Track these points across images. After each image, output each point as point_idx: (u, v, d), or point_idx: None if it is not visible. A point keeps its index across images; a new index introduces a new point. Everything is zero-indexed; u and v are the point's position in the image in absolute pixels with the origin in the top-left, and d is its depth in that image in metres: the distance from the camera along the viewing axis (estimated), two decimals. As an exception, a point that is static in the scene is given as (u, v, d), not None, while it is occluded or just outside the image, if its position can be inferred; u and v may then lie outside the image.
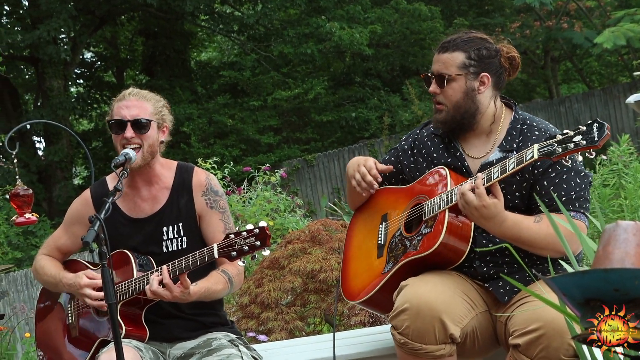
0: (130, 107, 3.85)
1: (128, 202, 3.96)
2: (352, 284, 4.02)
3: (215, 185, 4.00)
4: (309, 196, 20.35)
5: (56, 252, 4.15)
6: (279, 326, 5.98)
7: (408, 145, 4.03)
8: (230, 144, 21.63)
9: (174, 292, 3.54)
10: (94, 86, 25.77)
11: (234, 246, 3.47)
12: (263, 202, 8.75)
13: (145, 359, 3.74)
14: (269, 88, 22.42)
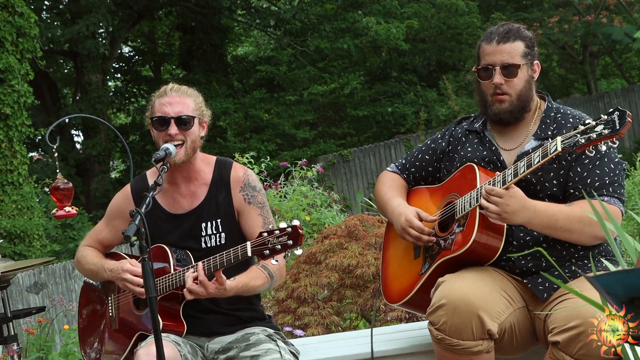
0: (172, 103, 3.86)
1: (167, 197, 3.97)
2: (391, 286, 4.03)
3: (253, 180, 3.99)
4: (345, 191, 20.33)
5: (98, 245, 4.18)
6: (316, 321, 5.96)
7: (445, 143, 4.02)
8: (266, 139, 21.65)
9: (208, 289, 3.55)
10: (132, 80, 25.92)
11: (266, 245, 3.46)
12: (300, 197, 8.75)
13: (183, 353, 3.75)
14: (305, 83, 22.41)
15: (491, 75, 3.74)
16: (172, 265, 3.82)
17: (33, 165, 18.97)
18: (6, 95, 14.93)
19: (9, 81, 14.92)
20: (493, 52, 3.74)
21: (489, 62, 3.75)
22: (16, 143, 15.28)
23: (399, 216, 3.91)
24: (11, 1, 14.96)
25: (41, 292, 11.15)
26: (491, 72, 3.74)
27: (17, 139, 15.31)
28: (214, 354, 3.89)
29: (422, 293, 3.79)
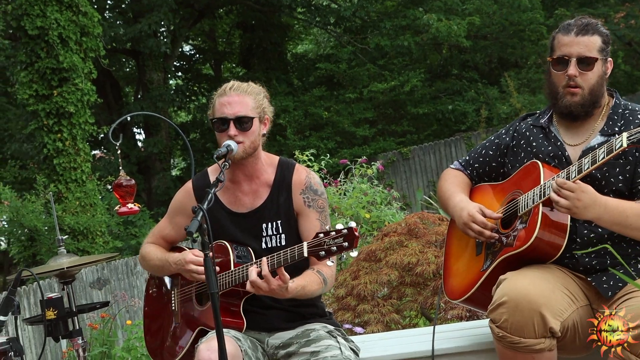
0: (232, 103, 3.86)
1: (229, 195, 3.98)
2: (453, 282, 4.00)
3: (316, 184, 3.98)
4: (404, 189, 20.25)
5: (161, 242, 4.21)
6: (375, 319, 5.95)
7: (509, 138, 3.98)
8: (325, 136, 21.67)
9: (272, 284, 3.54)
10: (192, 78, 26.16)
11: (322, 246, 3.45)
12: (359, 195, 8.73)
13: (243, 348, 3.76)
14: (364, 80, 22.37)
15: (566, 67, 3.69)
16: (232, 261, 3.83)
17: (96, 163, 19.26)
18: (70, 93, 15.15)
19: (73, 80, 15.14)
20: (570, 43, 3.69)
21: (565, 53, 3.69)
22: (79, 141, 15.50)
23: (461, 211, 3.87)
24: (75, 1, 15.18)
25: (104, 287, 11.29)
26: (566, 63, 3.69)
27: (81, 137, 15.53)
28: (274, 349, 3.90)
29: (483, 290, 3.75)
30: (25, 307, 9.71)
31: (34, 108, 15.17)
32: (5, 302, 3.51)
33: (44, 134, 15.23)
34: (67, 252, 4.01)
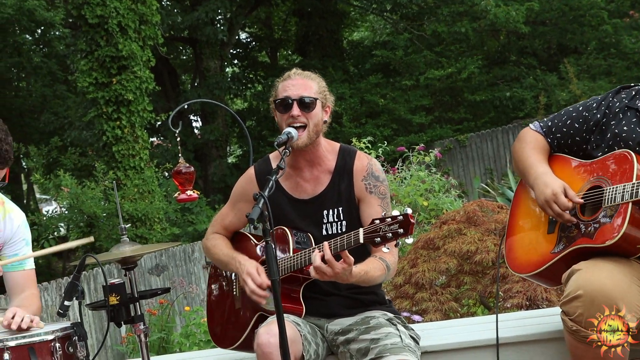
0: (296, 85, 3.88)
1: (291, 182, 3.99)
2: (518, 255, 3.89)
3: (377, 170, 3.97)
4: (461, 177, 20.10)
5: (223, 231, 4.23)
6: (434, 307, 5.93)
7: (601, 114, 3.77)
8: (381, 124, 21.60)
9: (336, 268, 3.52)
10: (249, 66, 26.25)
11: (378, 232, 3.44)
12: (417, 182, 8.69)
13: (303, 333, 3.78)
14: (421, 67, 22.23)
15: None
16: (291, 247, 3.84)
17: (154, 150, 19.43)
18: (129, 81, 15.31)
19: (132, 68, 15.29)
20: None
21: None
22: (138, 128, 15.66)
23: (544, 186, 3.72)
24: (134, -11, 15.33)
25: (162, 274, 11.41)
26: None
27: (139, 124, 15.69)
28: (334, 335, 3.90)
29: (552, 270, 3.68)
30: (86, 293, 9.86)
31: (93, 96, 15.36)
32: (70, 287, 3.56)
33: (103, 121, 15.42)
34: (128, 239, 4.04)
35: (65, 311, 3.55)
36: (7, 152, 3.69)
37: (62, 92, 22.52)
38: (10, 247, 4.03)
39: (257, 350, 3.65)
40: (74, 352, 3.49)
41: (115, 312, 3.76)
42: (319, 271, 3.54)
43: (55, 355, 3.41)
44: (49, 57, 22.99)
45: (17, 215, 4.10)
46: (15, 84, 24.18)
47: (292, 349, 3.48)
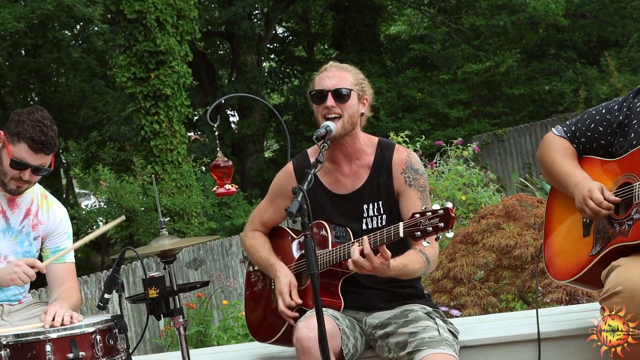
0: (331, 77, 3.88)
1: (329, 177, 3.98)
2: (557, 262, 3.88)
3: (416, 163, 3.96)
4: (499, 171, 19.98)
5: (262, 227, 4.24)
6: (472, 301, 5.90)
7: (623, 116, 3.76)
8: (419, 118, 21.54)
9: (374, 262, 3.52)
10: (286, 60, 26.27)
11: (418, 226, 3.43)
12: (455, 177, 8.65)
13: (341, 327, 3.78)
14: (459, 61, 22.12)
15: None
16: (330, 241, 3.84)
17: (191, 145, 19.51)
18: (166, 76, 15.38)
19: (169, 62, 15.36)
20: None
21: None
22: (176, 123, 15.72)
23: (582, 188, 3.69)
24: (172, -16, 15.39)
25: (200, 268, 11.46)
26: None
27: (177, 119, 15.75)
28: (372, 328, 3.90)
29: (592, 274, 3.65)
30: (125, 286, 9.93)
31: (131, 91, 15.45)
32: (110, 281, 3.59)
33: (141, 116, 15.51)
34: (168, 233, 4.06)
35: (105, 304, 3.57)
36: (52, 138, 3.78)
37: (101, 87, 22.69)
38: (53, 239, 4.08)
39: (296, 344, 3.65)
40: (114, 344, 3.51)
41: (154, 305, 3.78)
42: (358, 265, 3.54)
43: (96, 347, 3.43)
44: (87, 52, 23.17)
45: (59, 208, 4.15)
46: (55, 79, 24.40)
47: (331, 344, 3.48)
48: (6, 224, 3.93)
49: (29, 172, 3.80)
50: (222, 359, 4.56)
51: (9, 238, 3.92)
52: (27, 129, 3.74)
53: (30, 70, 22.56)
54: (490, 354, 4.04)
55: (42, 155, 3.79)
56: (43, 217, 4.06)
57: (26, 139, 3.74)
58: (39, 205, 4.07)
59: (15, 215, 3.96)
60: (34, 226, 4.02)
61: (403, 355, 3.68)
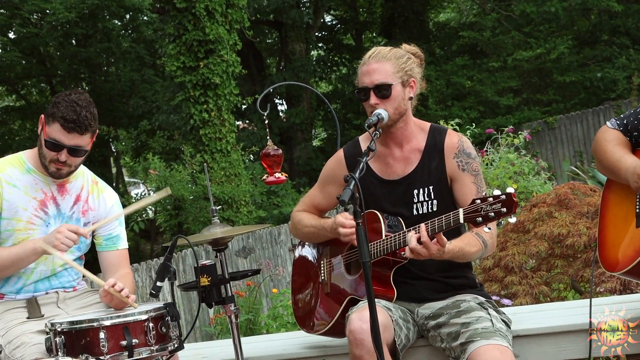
0: (370, 72, 3.83)
1: (380, 163, 3.96)
2: (610, 254, 3.83)
3: (468, 147, 3.92)
4: (549, 159, 19.73)
5: (313, 210, 4.22)
6: (524, 291, 5.84)
7: None
8: (468, 106, 21.38)
9: (431, 249, 3.50)
10: (334, 49, 26.25)
11: (479, 212, 3.40)
12: (506, 165, 8.56)
13: (394, 318, 3.76)
14: (509, 48, 21.89)
15: None
16: (383, 231, 3.82)
17: (239, 134, 19.58)
18: (216, 65, 15.43)
19: (219, 51, 15.40)
20: None
21: None
22: (225, 112, 15.78)
23: (634, 168, 3.66)
24: (221, -27, 15.42)
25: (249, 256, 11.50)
26: None
27: (226, 107, 15.81)
28: (424, 319, 3.87)
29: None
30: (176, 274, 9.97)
31: (181, 80, 15.54)
32: (162, 269, 3.61)
33: (190, 105, 15.59)
34: (219, 221, 4.08)
35: (157, 292, 3.60)
36: (86, 118, 3.79)
37: (150, 76, 22.87)
38: (105, 226, 4.11)
39: (349, 336, 3.64)
40: (167, 331, 3.54)
41: (206, 293, 3.80)
42: (415, 252, 3.52)
43: (148, 334, 3.46)
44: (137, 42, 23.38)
45: (111, 195, 4.19)
46: (105, 69, 24.65)
47: (384, 335, 3.46)
48: (57, 209, 3.97)
49: (65, 153, 3.81)
50: (273, 347, 4.56)
51: (60, 223, 3.95)
52: (61, 109, 3.76)
53: (80, 60, 22.81)
54: (543, 344, 3.99)
55: (76, 135, 3.79)
56: (94, 204, 4.10)
57: (59, 119, 3.76)
58: (89, 192, 4.10)
59: (65, 201, 4.00)
60: (84, 212, 4.05)
61: (455, 345, 3.65)
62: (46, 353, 3.53)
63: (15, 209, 3.87)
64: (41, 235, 3.88)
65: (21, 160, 3.98)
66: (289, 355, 4.31)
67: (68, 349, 3.41)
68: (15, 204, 3.87)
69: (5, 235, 3.87)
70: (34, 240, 3.80)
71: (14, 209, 3.87)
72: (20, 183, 3.91)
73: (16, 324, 3.77)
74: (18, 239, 3.87)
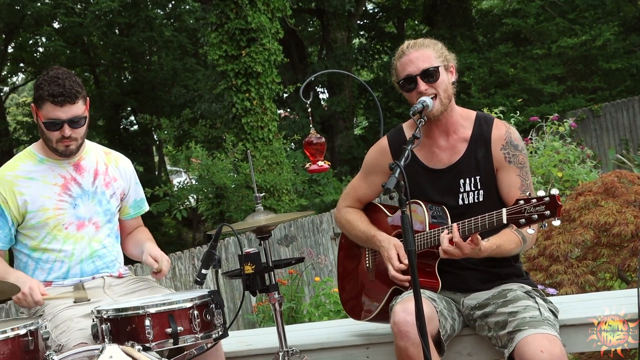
0: (414, 60, 3.80)
1: (425, 151, 3.92)
2: None
3: (516, 139, 3.86)
4: (594, 147, 19.50)
5: (357, 203, 4.20)
6: (569, 280, 5.77)
7: None
8: (511, 94, 21.18)
9: (464, 250, 3.49)
10: (376, 37, 26.15)
11: (523, 213, 3.37)
12: (551, 153, 8.47)
13: (439, 309, 3.73)
14: (553, 35, 21.64)
15: None
16: (427, 222, 3.79)
17: (281, 122, 19.60)
18: (258, 53, 15.43)
19: (260, 40, 15.40)
20: None
21: None
22: (267, 100, 15.78)
23: None
24: (262, -39, 15.41)
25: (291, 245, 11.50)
26: None
27: (268, 96, 15.81)
28: (470, 309, 3.84)
29: None
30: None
31: (223, 68, 15.56)
32: (207, 256, 3.62)
33: (232, 93, 15.61)
34: (261, 209, 4.08)
35: (202, 279, 3.61)
36: (71, 87, 3.82)
37: (192, 65, 22.96)
38: (131, 193, 4.26)
39: (393, 328, 3.62)
40: (212, 319, 3.55)
41: (250, 281, 3.81)
42: (447, 253, 3.51)
43: (193, 322, 3.48)
44: (179, 31, 23.48)
45: (125, 161, 4.30)
46: (147, 58, 24.80)
47: (429, 327, 3.44)
48: (80, 189, 4.02)
49: (67, 127, 3.85)
50: (317, 335, 4.56)
51: (88, 201, 4.03)
52: (45, 88, 3.80)
53: (123, 49, 22.99)
54: (590, 333, 3.93)
55: (69, 106, 3.82)
56: (116, 173, 4.17)
57: (47, 98, 3.80)
58: (106, 163, 4.17)
59: (85, 179, 4.05)
60: (107, 184, 4.11)
61: (503, 334, 3.62)
62: (91, 338, 3.57)
63: (39, 200, 3.93)
64: (71, 217, 3.97)
65: (31, 153, 4.04)
66: (333, 343, 4.31)
67: (114, 335, 3.44)
68: (37, 195, 3.93)
69: (38, 227, 3.93)
70: (22, 281, 3.79)
71: (38, 202, 3.92)
72: (37, 174, 3.97)
73: (62, 309, 3.82)
74: (51, 227, 3.94)
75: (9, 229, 3.94)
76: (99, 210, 4.05)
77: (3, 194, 3.91)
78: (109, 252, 4.09)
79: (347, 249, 4.33)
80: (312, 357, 4.12)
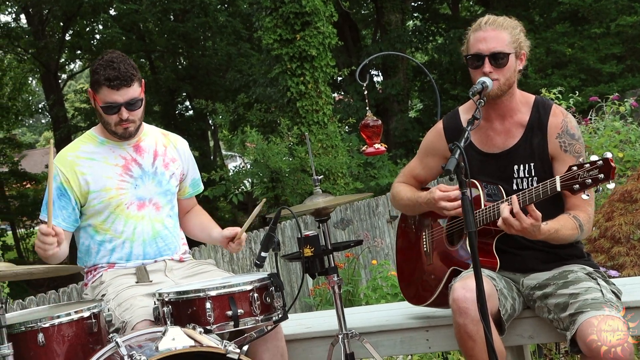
0: (487, 39, 3.74)
1: (481, 135, 3.87)
2: None
3: (573, 127, 3.79)
4: (654, 128, 19.19)
5: (413, 181, 4.19)
6: (631, 262, 5.70)
7: None
8: (569, 74, 20.90)
9: (524, 222, 3.44)
10: (430, 19, 25.97)
11: (576, 179, 3.32)
12: (612, 133, 8.33)
13: (498, 287, 3.70)
14: (612, 14, 21.28)
15: None
16: (482, 200, 3.75)
17: (336, 106, 19.60)
18: (312, 37, 15.43)
19: (315, 23, 15.39)
20: None
21: None
22: (321, 84, 15.79)
23: None
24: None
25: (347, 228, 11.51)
26: None
27: (322, 79, 15.81)
28: (530, 289, 3.80)
29: None
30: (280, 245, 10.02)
31: (277, 52, 15.60)
32: (266, 239, 3.63)
33: (287, 77, 15.64)
34: (322, 191, 4.08)
35: (262, 262, 3.63)
36: (126, 70, 3.87)
37: (246, 50, 23.04)
38: (192, 173, 4.33)
39: (452, 305, 3.60)
40: (271, 302, 3.56)
41: (309, 263, 3.81)
42: (507, 223, 3.46)
43: (253, 304, 3.49)
44: (233, 16, 23.57)
45: (183, 141, 4.37)
46: (202, 43, 24.96)
47: (489, 304, 3.40)
48: (140, 169, 4.07)
49: (124, 110, 3.90)
50: (376, 318, 4.55)
51: (148, 181, 4.08)
52: (101, 73, 3.85)
53: (178, 35, 23.16)
54: (654, 316, 3.87)
55: (125, 89, 3.87)
56: (175, 154, 4.23)
57: (104, 82, 3.85)
58: (164, 145, 4.21)
59: (145, 160, 4.10)
60: (166, 165, 4.16)
61: (564, 316, 3.57)
62: (152, 316, 3.61)
63: (101, 180, 3.98)
64: (132, 198, 4.02)
65: (92, 135, 4.11)
66: (393, 326, 4.29)
67: (175, 318, 3.47)
68: (99, 175, 3.99)
69: (100, 207, 3.99)
70: None
71: (100, 181, 3.98)
72: (98, 155, 4.03)
73: (125, 287, 3.88)
74: (113, 207, 3.99)
75: (73, 209, 3.99)
76: (159, 190, 4.10)
77: (65, 173, 3.97)
78: (171, 233, 4.13)
79: (405, 234, 4.31)
80: (371, 339, 4.11)
